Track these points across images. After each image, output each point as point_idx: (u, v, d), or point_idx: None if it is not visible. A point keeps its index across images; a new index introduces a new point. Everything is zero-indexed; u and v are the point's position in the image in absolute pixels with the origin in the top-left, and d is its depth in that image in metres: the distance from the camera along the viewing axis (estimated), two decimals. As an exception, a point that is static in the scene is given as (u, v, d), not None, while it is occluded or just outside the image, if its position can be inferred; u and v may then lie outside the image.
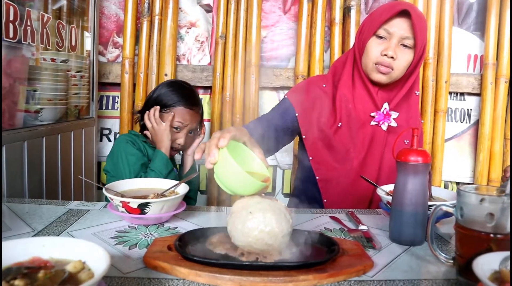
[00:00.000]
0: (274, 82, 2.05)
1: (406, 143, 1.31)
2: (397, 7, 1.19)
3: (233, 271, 0.67)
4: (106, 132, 2.16)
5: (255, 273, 0.67)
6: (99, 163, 2.12)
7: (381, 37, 1.21)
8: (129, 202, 0.89)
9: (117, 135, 2.12)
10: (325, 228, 0.98)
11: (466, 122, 2.18)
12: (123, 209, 0.91)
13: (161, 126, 1.40)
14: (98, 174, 2.11)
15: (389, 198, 1.01)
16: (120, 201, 0.90)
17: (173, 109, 1.43)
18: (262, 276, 0.66)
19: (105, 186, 0.98)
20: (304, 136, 1.30)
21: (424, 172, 0.87)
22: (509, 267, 0.61)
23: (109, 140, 2.15)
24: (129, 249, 0.80)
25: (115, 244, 0.82)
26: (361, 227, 0.97)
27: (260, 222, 0.71)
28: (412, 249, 0.86)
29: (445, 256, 0.75)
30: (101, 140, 2.15)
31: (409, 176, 0.87)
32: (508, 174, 1.20)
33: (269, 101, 2.10)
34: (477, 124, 2.14)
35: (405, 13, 1.18)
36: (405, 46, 1.20)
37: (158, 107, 1.43)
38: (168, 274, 0.69)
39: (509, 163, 2.07)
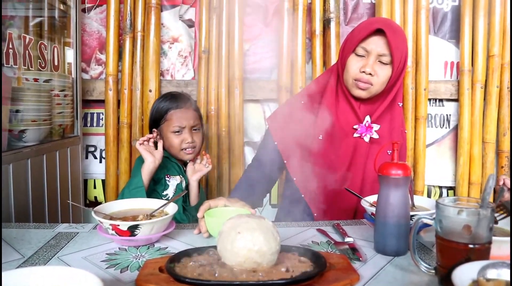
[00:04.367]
0: (258, 95, 2.08)
1: (389, 153, 1.35)
2: (373, 25, 1.23)
3: (224, 291, 0.69)
4: (92, 149, 2.15)
5: (245, 292, 0.69)
6: (85, 181, 2.12)
7: (359, 55, 1.25)
8: (118, 225, 0.90)
9: (103, 152, 2.13)
10: (312, 241, 1.00)
11: (446, 127, 2.24)
12: (113, 232, 0.92)
13: (158, 154, 1.41)
14: (85, 192, 2.10)
15: (373, 209, 1.04)
16: (110, 224, 0.91)
17: (167, 116, 1.47)
18: (253, 295, 0.68)
19: (94, 209, 0.99)
20: (285, 161, 1.34)
21: (405, 185, 0.90)
22: (487, 276, 0.64)
23: (95, 157, 2.15)
24: (121, 272, 0.81)
25: (106, 268, 0.83)
26: (347, 239, 0.99)
27: (248, 241, 0.73)
28: (396, 260, 0.88)
29: (427, 266, 0.78)
30: (86, 157, 2.15)
31: (391, 189, 0.90)
32: (501, 183, 1.24)
33: (254, 113, 2.13)
34: (456, 129, 2.19)
35: (381, 31, 1.22)
36: (382, 63, 1.24)
37: (151, 138, 1.44)
38: (161, 297, 0.70)
39: (489, 166, 2.13)
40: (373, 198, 1.15)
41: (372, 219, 1.06)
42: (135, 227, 0.91)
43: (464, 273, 0.65)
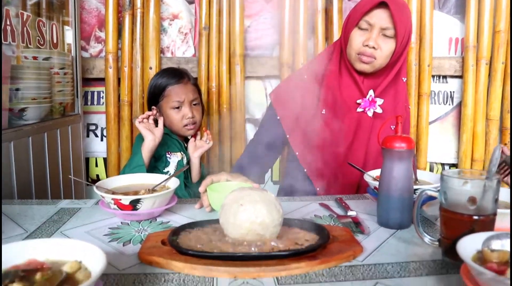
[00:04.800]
0: (260, 72, 2.06)
1: (393, 128, 1.34)
2: None
3: (227, 262, 0.69)
4: (93, 127, 2.15)
5: (248, 263, 0.68)
6: (87, 159, 2.12)
7: (363, 29, 1.23)
8: (120, 199, 0.90)
9: (104, 131, 2.12)
10: (315, 215, 1.00)
11: (449, 104, 2.22)
12: (115, 206, 0.92)
13: (158, 131, 1.40)
14: (87, 171, 2.10)
15: (376, 183, 1.03)
16: (112, 199, 0.91)
17: (166, 92, 1.46)
18: (256, 266, 0.68)
19: (96, 184, 0.99)
20: (288, 136, 1.33)
21: (408, 158, 0.90)
22: (491, 247, 0.64)
23: (96, 136, 2.14)
24: (123, 245, 0.81)
25: (109, 241, 0.83)
26: (350, 212, 0.99)
27: (251, 213, 0.73)
28: (399, 233, 0.88)
29: (431, 238, 0.77)
30: (88, 136, 2.14)
31: (394, 162, 0.89)
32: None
33: (255, 90, 2.11)
34: (459, 106, 2.17)
35: (384, 4, 1.20)
36: (386, 36, 1.22)
37: (150, 115, 1.43)
38: (164, 269, 0.70)
39: (492, 143, 2.12)
40: (376, 172, 1.14)
41: (375, 193, 1.06)
42: (137, 201, 0.90)
43: (469, 244, 0.64)
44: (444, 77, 2.19)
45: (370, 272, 0.70)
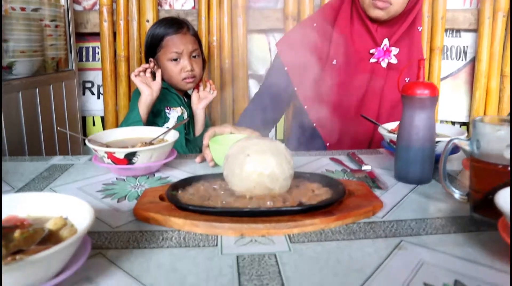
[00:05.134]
0: (263, 24, 1.94)
1: (407, 81, 1.25)
2: None
3: (233, 218, 0.61)
4: (89, 85, 2.05)
5: (257, 219, 0.61)
6: (84, 118, 2.04)
7: None
8: (114, 153, 0.82)
9: (101, 88, 2.02)
10: (326, 170, 0.93)
11: (462, 60, 2.11)
12: (109, 160, 0.84)
13: (156, 85, 1.30)
14: (84, 130, 2.02)
15: (392, 136, 0.95)
16: (105, 152, 0.83)
17: (163, 43, 1.36)
18: (265, 222, 0.60)
19: (89, 137, 0.91)
20: (296, 88, 1.25)
21: (431, 106, 0.81)
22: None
23: (93, 94, 2.05)
24: (118, 201, 0.74)
25: (102, 198, 0.76)
26: (365, 167, 0.91)
27: (258, 164, 0.65)
28: (420, 188, 0.81)
29: (460, 192, 0.70)
30: (84, 94, 2.04)
31: (416, 110, 0.81)
32: None
33: (258, 44, 1.99)
34: (473, 62, 2.06)
35: None
36: None
37: (148, 67, 1.32)
38: (162, 226, 0.63)
39: (506, 101, 2.03)
40: (391, 125, 1.06)
41: (390, 147, 0.98)
42: (133, 154, 0.82)
43: (508, 196, 0.57)
44: (458, 31, 2.07)
45: (392, 229, 0.63)
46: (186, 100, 1.43)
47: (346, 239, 0.59)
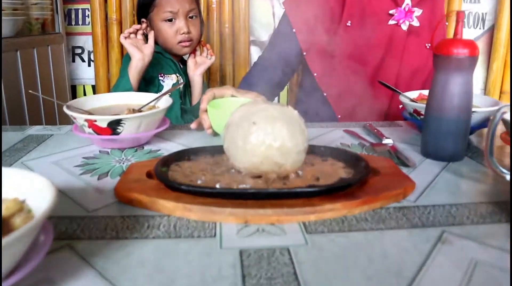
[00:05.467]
0: (267, -14, 1.79)
1: (428, 47, 1.11)
2: None
3: (235, 202, 0.50)
4: (79, 51, 1.90)
5: (264, 203, 0.50)
6: (74, 87, 1.90)
7: None
8: (96, 121, 0.70)
9: (91, 54, 1.88)
10: (341, 143, 0.81)
11: (480, 28, 1.96)
12: (90, 130, 0.72)
13: (148, 49, 1.16)
14: (74, 99, 1.89)
15: (416, 105, 0.83)
16: (85, 120, 0.71)
17: (157, 1, 1.22)
18: (275, 207, 0.49)
19: (67, 103, 0.78)
20: (304, 53, 1.11)
21: (470, 68, 0.68)
22: None
23: (83, 60, 1.90)
24: (98, 179, 0.62)
25: (80, 174, 0.64)
26: (386, 140, 0.79)
27: (267, 135, 0.53)
28: (452, 166, 0.69)
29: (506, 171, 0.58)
30: (73, 60, 1.90)
31: (452, 73, 0.68)
32: None
33: (261, 8, 1.84)
34: (492, 30, 1.92)
35: None
36: None
37: (140, 28, 1.18)
38: (148, 210, 0.52)
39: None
40: (412, 94, 0.94)
41: (414, 118, 0.86)
42: (117, 122, 0.70)
43: None
44: (477, -5, 1.92)
45: (430, 216, 0.51)
46: (182, 66, 1.30)
47: (375, 229, 0.48)
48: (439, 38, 1.13)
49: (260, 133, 0.53)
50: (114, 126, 0.70)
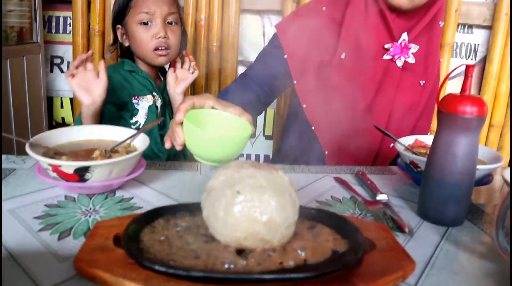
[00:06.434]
0: (258, 4, 1.72)
1: (422, 84, 1.07)
2: None
3: (212, 289, 0.43)
4: (58, 61, 1.81)
5: (246, 292, 0.43)
6: (51, 99, 1.81)
7: None
8: (60, 166, 0.62)
9: (70, 65, 1.79)
10: (332, 197, 0.74)
11: (472, 59, 1.94)
12: (55, 174, 0.64)
13: (99, 86, 0.98)
14: (50, 112, 1.80)
15: (414, 157, 0.77)
16: (49, 164, 0.63)
17: (133, 2, 1.11)
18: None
19: (32, 139, 0.70)
20: (295, 81, 1.06)
21: (477, 129, 0.63)
22: None
23: (61, 71, 1.81)
24: (59, 238, 0.55)
25: (38, 230, 0.56)
26: (380, 197, 0.73)
27: (253, 207, 0.46)
28: (452, 233, 0.63)
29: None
30: (51, 71, 1.81)
31: (458, 134, 0.63)
32: None
33: (251, 26, 1.78)
34: (484, 62, 1.90)
35: None
36: None
37: (84, 58, 0.98)
38: (112, 291, 0.44)
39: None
40: (407, 140, 0.89)
41: (410, 170, 0.80)
42: (85, 169, 0.62)
43: None
44: (470, 26, 1.90)
45: (434, 311, 0.45)
46: (158, 84, 1.20)
47: (373, 328, 0.42)
48: (433, 76, 1.09)
49: (245, 205, 0.46)
50: (81, 173, 0.63)
